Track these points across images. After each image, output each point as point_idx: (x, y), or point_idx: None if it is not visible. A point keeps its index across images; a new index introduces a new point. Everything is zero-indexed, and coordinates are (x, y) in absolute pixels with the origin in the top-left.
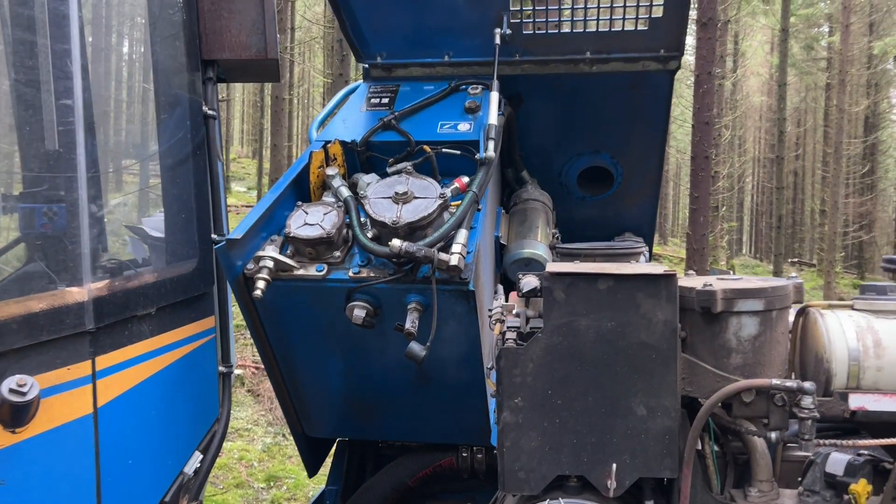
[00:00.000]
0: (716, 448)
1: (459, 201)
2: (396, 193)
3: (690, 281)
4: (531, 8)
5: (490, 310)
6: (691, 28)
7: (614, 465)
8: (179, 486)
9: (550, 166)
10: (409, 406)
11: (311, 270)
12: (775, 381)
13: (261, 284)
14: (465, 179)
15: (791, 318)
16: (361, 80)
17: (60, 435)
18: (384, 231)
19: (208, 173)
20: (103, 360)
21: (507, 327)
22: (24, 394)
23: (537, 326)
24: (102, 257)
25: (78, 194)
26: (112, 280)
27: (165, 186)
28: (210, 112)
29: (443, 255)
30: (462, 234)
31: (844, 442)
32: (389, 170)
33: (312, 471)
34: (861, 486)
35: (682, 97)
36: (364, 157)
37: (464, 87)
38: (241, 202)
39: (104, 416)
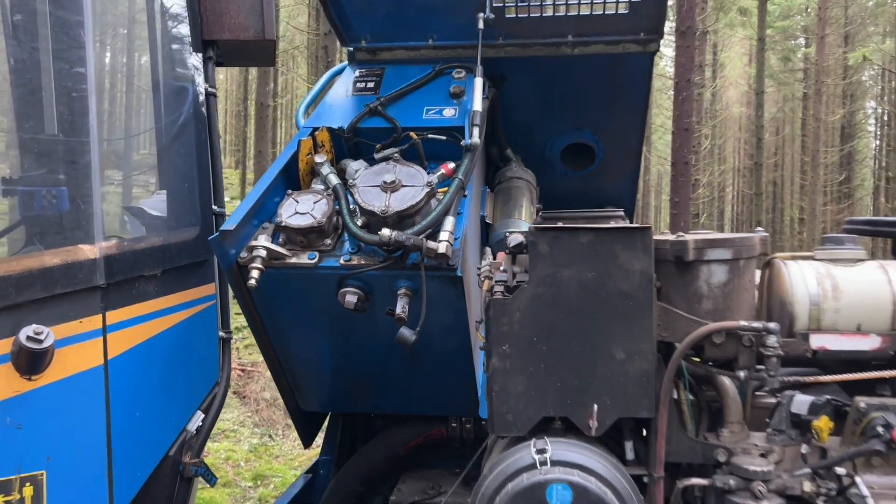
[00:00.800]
0: (691, 397)
1: (446, 187)
2: (384, 182)
3: (664, 235)
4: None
5: (479, 268)
6: (670, 37)
7: (595, 407)
8: (182, 443)
9: (534, 142)
10: (399, 383)
11: (304, 258)
12: (743, 323)
13: (255, 274)
14: (451, 165)
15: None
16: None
17: (73, 384)
18: (373, 219)
19: (209, 147)
20: (113, 316)
21: (495, 281)
22: (40, 342)
23: (523, 280)
24: (113, 218)
25: (91, 157)
26: (121, 240)
27: (170, 158)
28: (211, 90)
29: (431, 243)
30: (449, 221)
31: (806, 378)
32: (377, 156)
33: (308, 442)
34: (823, 423)
35: (662, 107)
36: (351, 144)
37: (448, 71)
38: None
39: (114, 369)
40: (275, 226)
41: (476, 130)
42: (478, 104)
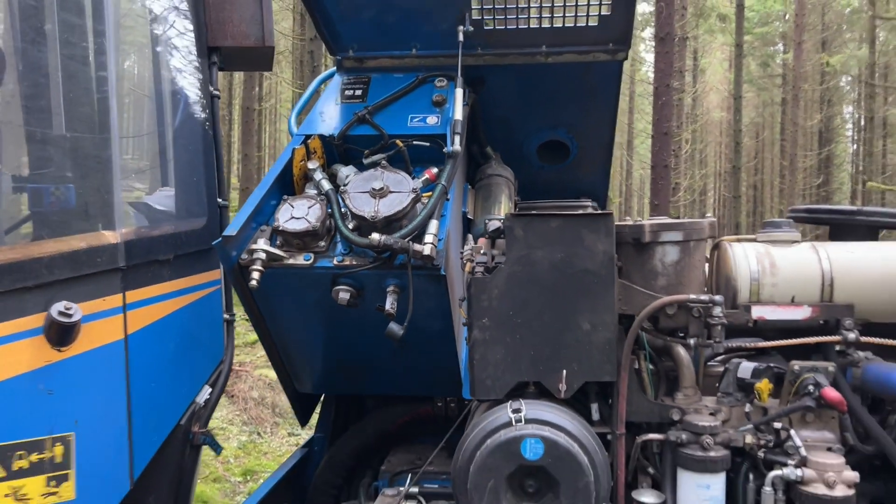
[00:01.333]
0: (651, 367)
1: (430, 192)
2: (374, 189)
3: (624, 221)
4: (492, 6)
5: (462, 252)
6: (650, 43)
7: (564, 372)
8: (192, 413)
9: (512, 138)
10: (388, 368)
11: (300, 259)
12: (692, 296)
13: (255, 275)
14: (434, 170)
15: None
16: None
17: (97, 355)
18: (364, 223)
19: (214, 144)
20: (132, 295)
21: (476, 263)
22: (70, 316)
23: (501, 261)
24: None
25: (111, 152)
26: (138, 227)
27: (181, 154)
28: (215, 92)
29: (417, 246)
30: (433, 225)
31: (747, 344)
32: (365, 161)
33: (304, 421)
34: (764, 385)
35: (643, 111)
36: (342, 150)
37: (430, 79)
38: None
39: (133, 343)
40: (272, 229)
41: (457, 138)
42: (458, 113)
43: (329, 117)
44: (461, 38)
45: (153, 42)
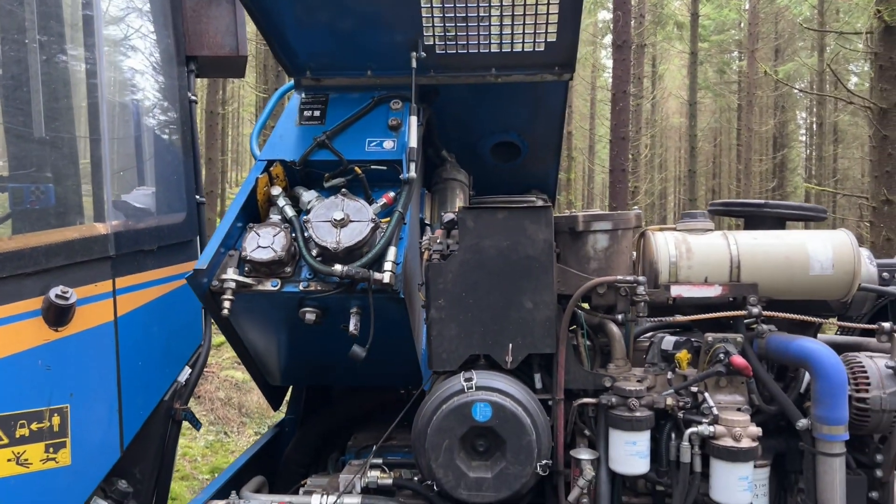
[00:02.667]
0: (587, 342)
1: (388, 217)
2: (335, 220)
3: (561, 213)
4: (444, 34)
5: (420, 242)
6: (608, 50)
7: (510, 345)
8: (174, 391)
9: (466, 139)
10: (354, 367)
11: (267, 286)
12: (619, 277)
13: (227, 304)
14: (392, 195)
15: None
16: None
17: (90, 335)
18: (327, 253)
19: (192, 146)
20: (121, 282)
21: (433, 251)
22: (66, 299)
23: (454, 249)
24: (121, 200)
25: (102, 152)
26: (126, 220)
27: (163, 155)
28: (192, 98)
29: (377, 275)
30: (392, 252)
31: (666, 319)
32: (326, 185)
33: (276, 406)
34: (683, 355)
35: (604, 117)
36: (303, 173)
37: (386, 100)
38: None
39: (122, 325)
40: (240, 257)
41: (413, 165)
42: (413, 141)
43: (289, 140)
44: (414, 64)
45: (135, 52)
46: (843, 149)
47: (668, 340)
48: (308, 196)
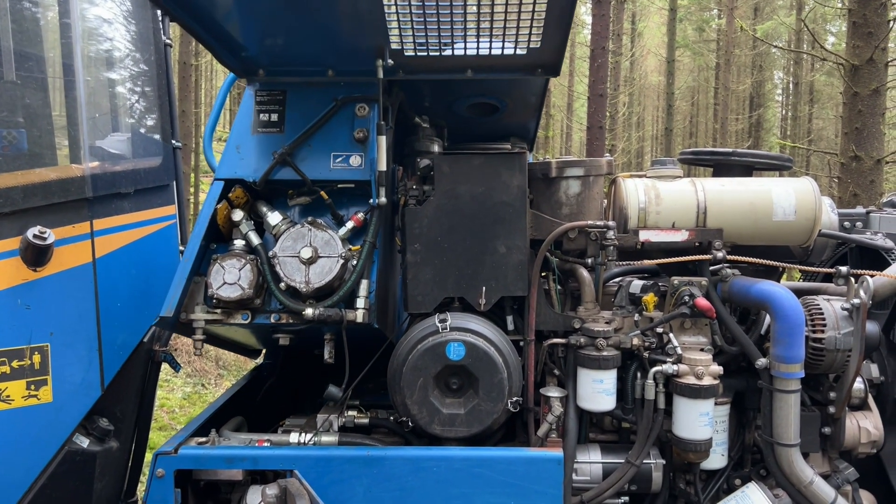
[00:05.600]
0: (559, 287)
1: (358, 246)
2: (302, 259)
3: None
4: (412, 39)
5: (396, 187)
6: (588, 6)
7: (484, 288)
8: (153, 333)
9: (442, 100)
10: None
11: (238, 318)
12: (589, 222)
13: (199, 344)
14: (360, 216)
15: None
16: None
17: (69, 276)
18: (295, 292)
19: (167, 93)
20: (98, 224)
21: (410, 196)
22: (44, 239)
23: (430, 194)
24: (96, 145)
25: (77, 93)
26: (103, 162)
27: (135, 98)
28: (167, 41)
29: (349, 315)
30: (363, 286)
31: (635, 263)
32: (290, 203)
33: (255, 357)
34: (649, 298)
35: (583, 74)
36: (265, 191)
37: (349, 103)
38: None
39: (100, 266)
40: (205, 293)
41: (382, 190)
42: (382, 164)
43: (247, 153)
44: (381, 74)
45: None
46: (818, 109)
47: (636, 284)
48: (273, 219)
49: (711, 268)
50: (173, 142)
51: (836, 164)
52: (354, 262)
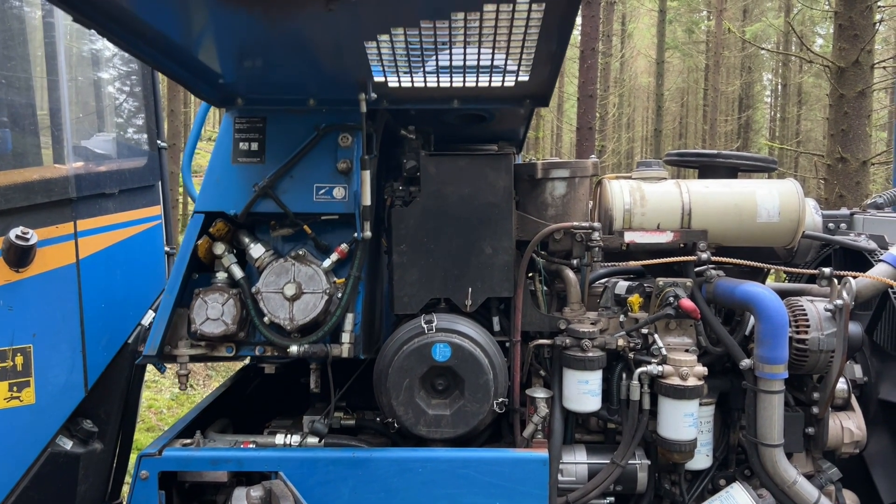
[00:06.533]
0: (545, 288)
1: (343, 279)
2: (286, 295)
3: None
4: (395, 72)
5: (383, 189)
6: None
7: (470, 289)
8: (138, 334)
9: (429, 110)
10: None
11: (222, 351)
12: (575, 223)
13: (184, 379)
14: (344, 247)
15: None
16: None
17: (52, 277)
18: (279, 329)
19: (153, 93)
20: (82, 224)
21: (395, 197)
22: (27, 240)
23: (416, 195)
24: (81, 145)
25: (60, 94)
26: (87, 162)
27: (121, 98)
28: None
29: (335, 350)
30: (349, 320)
31: (620, 264)
32: (273, 234)
33: (241, 359)
34: (635, 299)
35: (572, 75)
36: (247, 220)
37: (331, 131)
38: None
39: (84, 267)
40: (188, 329)
41: (367, 224)
42: (367, 198)
43: (227, 185)
44: (363, 108)
45: None
46: (806, 110)
47: (622, 285)
48: (256, 251)
49: (696, 269)
50: (159, 142)
51: (822, 166)
52: (339, 296)
